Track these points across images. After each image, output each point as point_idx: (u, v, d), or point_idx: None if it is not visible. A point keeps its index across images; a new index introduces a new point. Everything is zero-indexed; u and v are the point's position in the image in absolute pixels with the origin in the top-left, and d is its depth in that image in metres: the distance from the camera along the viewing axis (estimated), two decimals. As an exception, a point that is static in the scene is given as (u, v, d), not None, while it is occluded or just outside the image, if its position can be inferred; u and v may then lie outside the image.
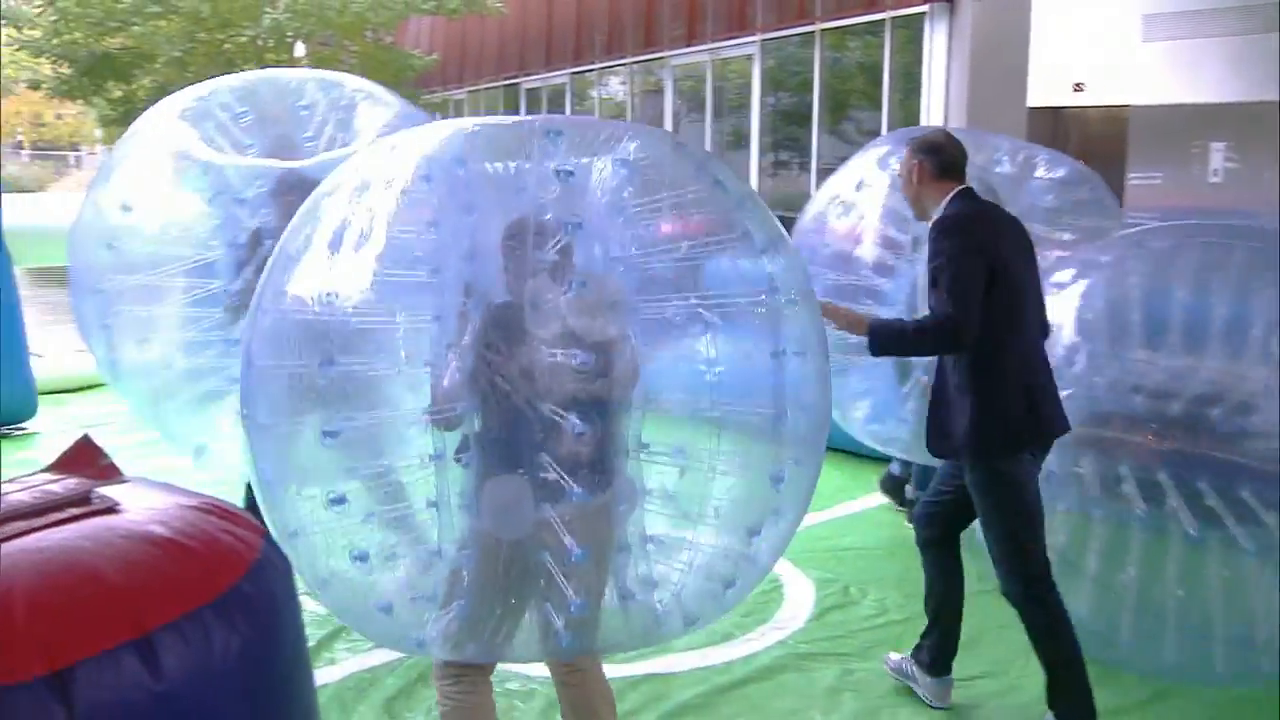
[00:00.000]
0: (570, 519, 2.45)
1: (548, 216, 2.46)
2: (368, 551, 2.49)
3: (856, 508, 5.85)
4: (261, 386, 2.56)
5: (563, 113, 17.68)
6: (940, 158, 3.66)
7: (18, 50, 17.66)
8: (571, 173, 2.47)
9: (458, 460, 2.49)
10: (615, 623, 2.66)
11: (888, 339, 3.59)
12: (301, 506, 2.51)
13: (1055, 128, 9.46)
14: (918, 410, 4.47)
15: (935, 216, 3.61)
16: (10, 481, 1.77)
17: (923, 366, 4.55)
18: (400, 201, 2.53)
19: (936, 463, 3.97)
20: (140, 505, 1.75)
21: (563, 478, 2.39)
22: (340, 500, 2.46)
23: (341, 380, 2.45)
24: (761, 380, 2.71)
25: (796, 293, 2.78)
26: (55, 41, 16.12)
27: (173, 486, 1.88)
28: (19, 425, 7.64)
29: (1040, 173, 4.86)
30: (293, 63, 16.96)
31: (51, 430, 7.63)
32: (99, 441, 1.93)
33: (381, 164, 2.65)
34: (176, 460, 6.47)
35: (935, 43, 11.21)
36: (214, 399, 4.06)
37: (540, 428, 2.40)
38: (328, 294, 2.49)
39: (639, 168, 2.58)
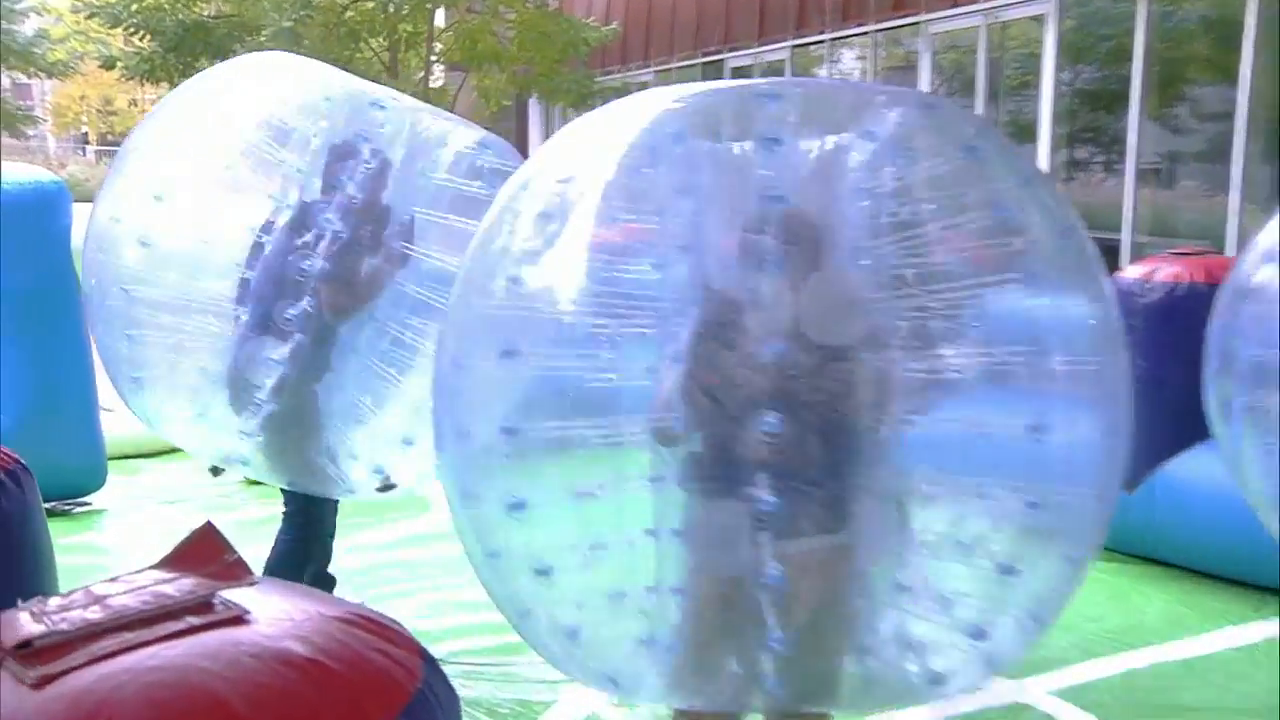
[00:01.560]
0: (788, 554, 2.74)
1: (776, 195, 2.76)
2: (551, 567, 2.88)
3: (1201, 649, 5.57)
4: (467, 389, 3.01)
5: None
6: None
7: (87, 18, 18.43)
8: (778, 141, 2.76)
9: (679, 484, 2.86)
10: (850, 682, 2.99)
11: None
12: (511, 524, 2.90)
13: None
14: None
15: None
16: (113, 580, 1.85)
17: None
18: (613, 187, 2.89)
19: None
20: (272, 614, 1.81)
21: (780, 502, 2.68)
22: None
23: (555, 385, 2.85)
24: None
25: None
26: (135, 7, 16.73)
27: (311, 591, 1.93)
28: (83, 500, 7.83)
29: None
30: (431, 35, 17.54)
31: (121, 507, 7.86)
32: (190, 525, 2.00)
33: (587, 146, 2.99)
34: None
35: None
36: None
37: (754, 443, 2.71)
38: (536, 290, 2.91)
39: (892, 142, 2.84)
